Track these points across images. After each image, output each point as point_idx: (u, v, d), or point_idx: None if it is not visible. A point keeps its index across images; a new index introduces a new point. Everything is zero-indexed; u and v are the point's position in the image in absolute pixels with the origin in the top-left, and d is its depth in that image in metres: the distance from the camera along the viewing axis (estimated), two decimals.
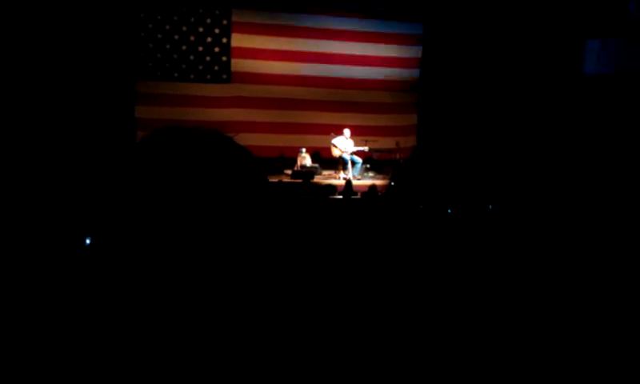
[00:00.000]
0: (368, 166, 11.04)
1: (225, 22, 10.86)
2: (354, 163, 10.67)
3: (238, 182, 0.86)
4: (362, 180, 10.31)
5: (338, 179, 10.25)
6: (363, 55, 11.63)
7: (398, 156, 10.80)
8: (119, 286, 0.82)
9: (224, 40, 10.90)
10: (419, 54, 11.86)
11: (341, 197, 8.05)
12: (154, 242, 0.79)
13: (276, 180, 9.21)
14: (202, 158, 0.84)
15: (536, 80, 9.72)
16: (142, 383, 0.79)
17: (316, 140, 11.18)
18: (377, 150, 10.98)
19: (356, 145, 10.62)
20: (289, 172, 10.41)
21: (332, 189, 8.51)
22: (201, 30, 10.77)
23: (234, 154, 0.89)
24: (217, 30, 10.85)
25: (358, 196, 8.12)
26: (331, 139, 10.69)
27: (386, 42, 11.70)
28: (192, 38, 10.72)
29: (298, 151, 10.80)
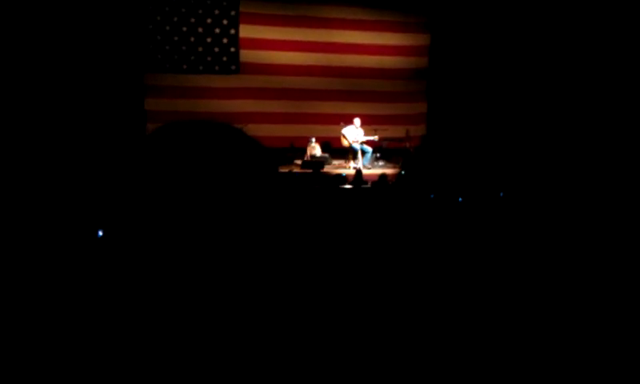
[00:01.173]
0: (378, 155, 10.99)
1: (233, 12, 10.87)
2: (364, 153, 10.64)
3: (249, 174, 0.86)
4: (372, 169, 10.26)
5: (348, 169, 10.23)
6: (372, 44, 11.61)
7: (407, 145, 10.76)
8: (132, 277, 0.82)
9: (232, 31, 10.92)
10: (427, 42, 11.84)
11: (351, 186, 7.98)
12: (166, 232, 0.79)
13: (286, 170, 9.21)
14: (213, 150, 0.84)
15: (545, 67, 9.64)
16: (148, 377, 0.80)
17: (326, 130, 11.18)
18: (387, 139, 10.94)
19: (366, 134, 10.61)
20: (299, 162, 10.40)
21: (342, 178, 8.47)
22: (209, 21, 10.77)
23: (244, 145, 0.89)
24: (225, 21, 10.85)
25: (368, 185, 8.01)
26: (341, 129, 10.68)
27: (394, 31, 11.68)
28: (200, 30, 10.73)
29: (307, 141, 10.81)
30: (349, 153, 10.81)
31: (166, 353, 0.75)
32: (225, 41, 10.90)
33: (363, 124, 10.72)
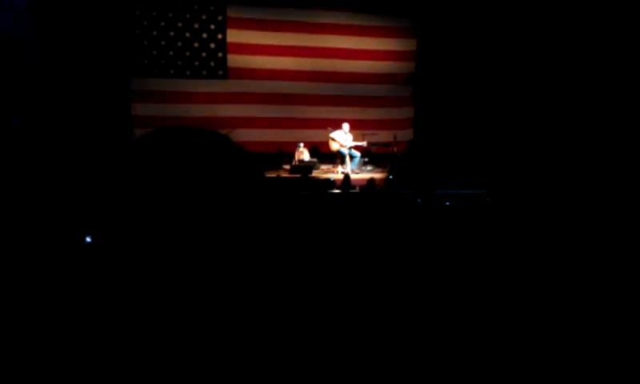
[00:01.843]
0: (366, 159, 10.96)
1: (220, 17, 10.83)
2: (352, 157, 10.62)
3: (234, 180, 0.86)
4: (361, 174, 10.21)
5: (337, 173, 10.18)
6: (359, 49, 11.65)
7: (395, 149, 10.79)
8: (120, 282, 0.83)
9: (219, 36, 10.87)
10: (414, 47, 11.88)
11: (339, 191, 7.91)
12: (153, 237, 0.80)
13: (274, 175, 9.14)
14: (199, 157, 0.85)
15: (533, 70, 9.75)
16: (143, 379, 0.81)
17: (314, 135, 11.18)
18: (375, 144, 10.94)
19: (355, 139, 10.62)
20: (287, 167, 10.36)
21: (330, 183, 8.46)
22: (196, 26, 10.75)
23: (230, 152, 0.90)
24: (212, 26, 10.81)
25: (357, 190, 7.86)
26: (329, 133, 10.67)
27: (381, 36, 11.72)
28: (187, 35, 10.71)
29: (296, 146, 10.79)
30: (337, 157, 10.79)
31: (154, 353, 0.76)
32: (212, 45, 10.86)
33: (351, 129, 10.74)
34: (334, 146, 10.66)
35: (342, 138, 10.58)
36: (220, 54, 10.93)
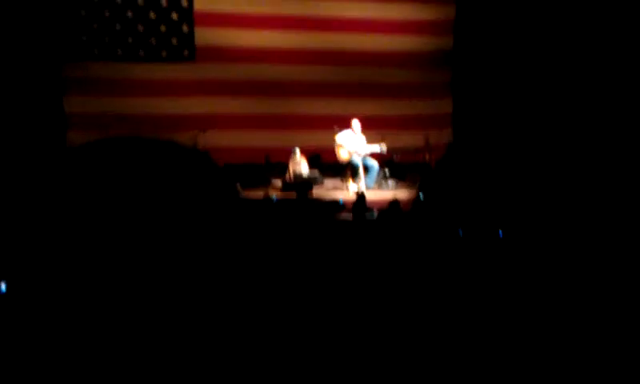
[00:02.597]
0: (387, 172, 10.78)
1: None
2: (367, 169, 10.43)
3: (200, 206, 0.88)
4: (380, 192, 10.13)
5: (347, 192, 10.11)
6: (378, 19, 11.62)
7: (427, 157, 10.84)
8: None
9: (184, 3, 10.84)
10: (452, 16, 11.87)
11: (350, 217, 8.07)
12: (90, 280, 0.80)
13: (261, 195, 9.08)
14: (152, 182, 0.85)
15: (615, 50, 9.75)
16: None
17: (315, 137, 11.06)
18: (398, 150, 10.87)
19: (369, 143, 10.36)
20: (278, 183, 10.35)
21: (338, 206, 8.57)
22: None
23: (195, 171, 0.90)
24: None
25: (374, 215, 8.03)
26: (335, 136, 10.42)
27: (407, 1, 11.75)
28: (140, 2, 10.69)
29: (290, 154, 10.67)
30: (347, 169, 10.56)
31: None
32: (174, 16, 10.84)
33: (365, 129, 10.48)
34: (343, 154, 10.46)
35: (354, 142, 10.38)
36: (185, 28, 10.89)
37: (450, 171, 7.60)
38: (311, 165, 10.82)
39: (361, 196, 8.56)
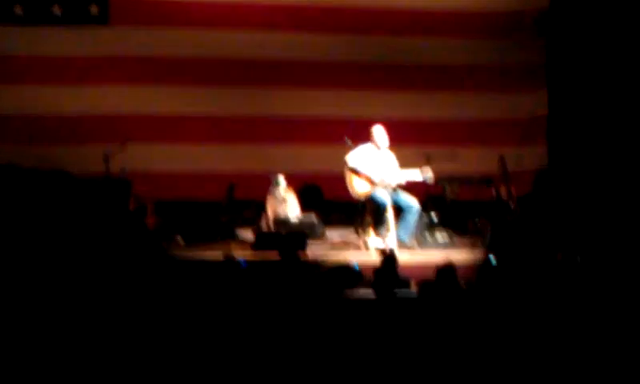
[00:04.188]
0: (435, 217, 8.71)
1: None
2: (400, 210, 8.32)
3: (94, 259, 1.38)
4: (422, 251, 8.20)
5: (365, 250, 8.26)
6: None
7: (504, 192, 8.59)
8: None
9: None
10: None
11: (372, 294, 5.98)
12: None
13: (219, 255, 6.65)
14: (23, 245, 1.39)
15: None
16: None
17: (310, 156, 9.29)
18: (455, 180, 8.87)
19: (404, 166, 8.31)
20: (249, 234, 8.61)
21: (351, 275, 6.33)
22: None
23: (95, 222, 1.47)
24: None
25: (413, 290, 6.17)
26: (346, 154, 8.32)
27: None
28: None
29: (268, 184, 8.76)
30: (365, 212, 8.50)
31: None
32: None
33: (397, 142, 8.40)
34: (359, 186, 8.34)
35: (377, 166, 8.34)
36: None
37: (542, 216, 6.50)
38: (305, 203, 8.91)
39: (389, 258, 6.74)
